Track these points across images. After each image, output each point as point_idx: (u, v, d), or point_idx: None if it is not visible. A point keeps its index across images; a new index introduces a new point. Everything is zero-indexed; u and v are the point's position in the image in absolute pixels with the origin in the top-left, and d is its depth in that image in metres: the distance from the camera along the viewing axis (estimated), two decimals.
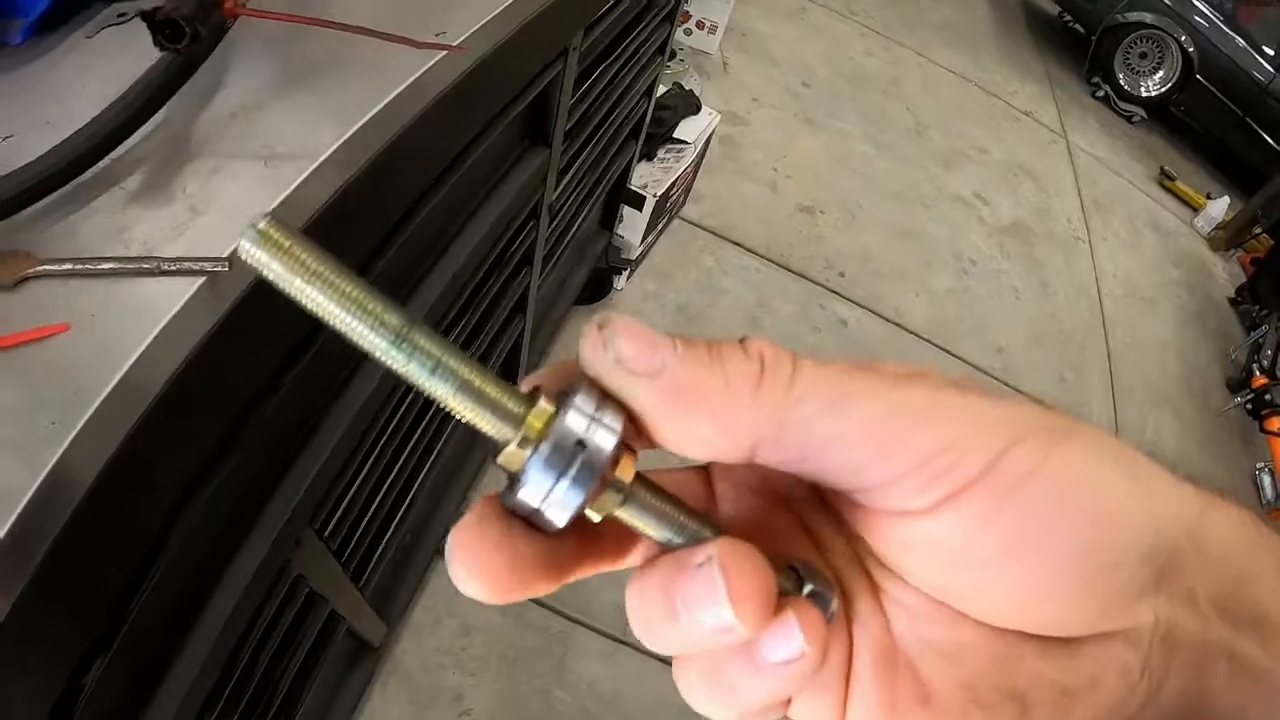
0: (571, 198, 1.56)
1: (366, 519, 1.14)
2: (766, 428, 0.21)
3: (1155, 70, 4.70)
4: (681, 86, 2.49)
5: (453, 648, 1.78)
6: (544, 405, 0.20)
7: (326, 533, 0.98)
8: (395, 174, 0.77)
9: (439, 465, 1.39)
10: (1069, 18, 5.13)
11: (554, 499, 0.20)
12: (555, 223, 1.48)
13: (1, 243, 0.55)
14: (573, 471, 0.20)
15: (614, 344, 0.21)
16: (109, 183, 0.59)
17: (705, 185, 2.69)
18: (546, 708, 1.77)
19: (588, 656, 1.83)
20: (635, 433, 0.22)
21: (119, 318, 0.53)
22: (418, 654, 1.75)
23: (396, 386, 1.01)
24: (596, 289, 2.21)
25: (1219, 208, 4.24)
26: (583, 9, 1.14)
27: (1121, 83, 4.75)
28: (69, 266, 0.55)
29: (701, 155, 2.39)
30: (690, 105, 2.39)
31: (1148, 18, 4.60)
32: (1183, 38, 4.52)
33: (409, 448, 1.18)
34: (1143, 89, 4.74)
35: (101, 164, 0.59)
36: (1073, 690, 0.23)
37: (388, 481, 1.16)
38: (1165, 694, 0.23)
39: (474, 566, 0.21)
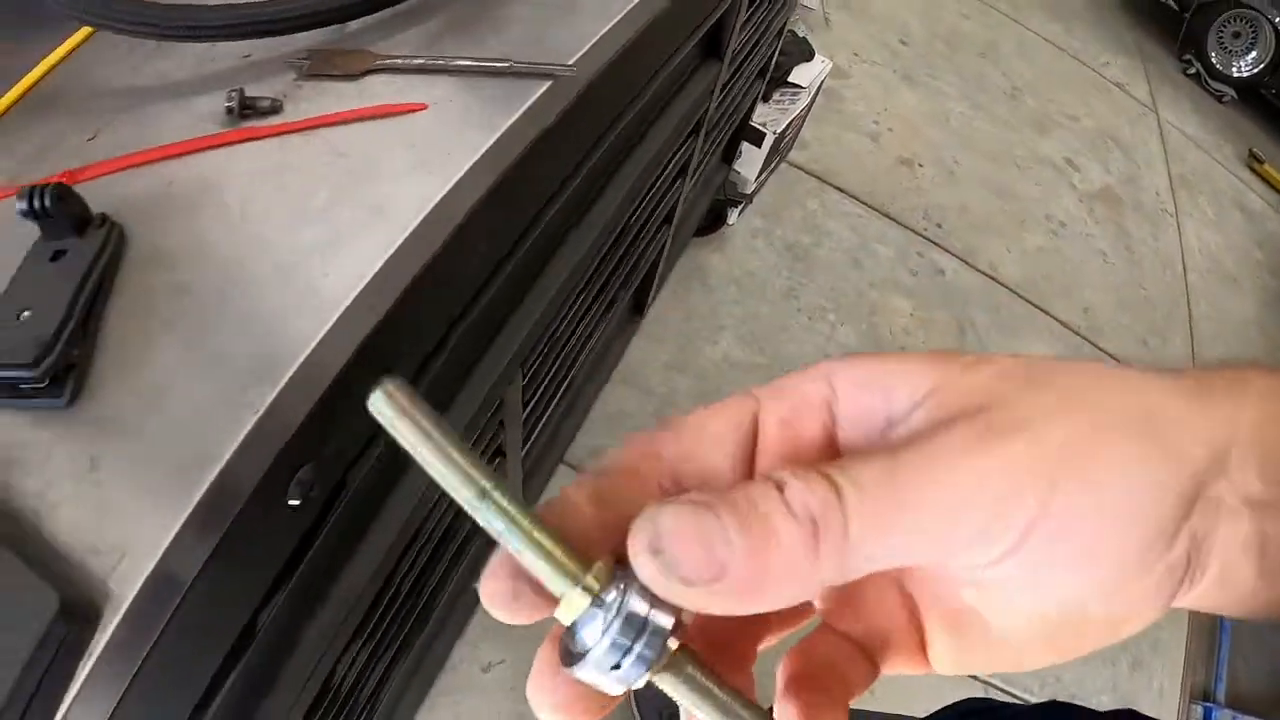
0: (724, 116, 1.64)
1: (551, 376, 1.24)
2: (831, 579, 0.23)
3: (1248, 50, 4.61)
4: (795, 34, 2.55)
5: None
6: (596, 576, 0.22)
7: (525, 379, 1.06)
8: (635, 65, 0.86)
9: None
10: None
11: (611, 679, 0.22)
12: (709, 138, 1.56)
13: (345, 44, 0.66)
14: (630, 657, 0.22)
15: (674, 567, 0.21)
16: (434, 10, 0.71)
17: (810, 133, 2.76)
18: None
19: None
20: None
21: (476, 105, 0.64)
22: None
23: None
24: (714, 220, 2.30)
25: None
26: None
27: (1213, 61, 4.67)
28: (420, 61, 0.65)
29: (813, 100, 2.45)
30: (804, 52, 2.45)
31: None
32: (1277, 19, 4.42)
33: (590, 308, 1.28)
34: (1234, 69, 4.65)
35: None
36: (1124, 618, 0.25)
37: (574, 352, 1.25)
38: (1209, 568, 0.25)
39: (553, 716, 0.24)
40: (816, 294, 2.41)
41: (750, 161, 2.23)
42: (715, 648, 0.28)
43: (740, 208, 2.34)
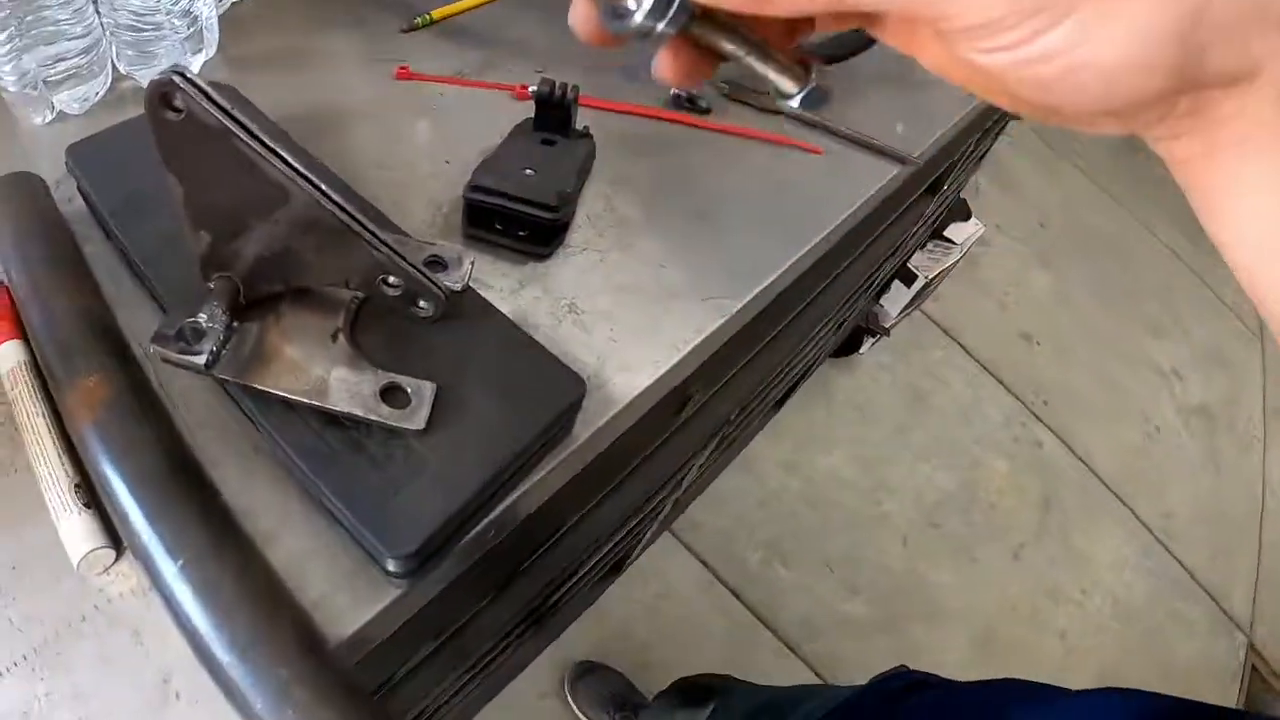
0: (914, 246, 1.81)
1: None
2: None
3: None
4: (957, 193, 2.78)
5: (648, 604, 2.03)
6: None
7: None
8: (926, 174, 1.04)
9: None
10: None
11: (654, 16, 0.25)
12: (896, 254, 1.75)
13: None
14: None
15: None
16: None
17: (945, 288, 2.96)
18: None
19: (763, 651, 2.07)
20: None
21: (851, 166, 0.81)
22: (622, 601, 1.99)
23: None
24: (850, 344, 2.50)
25: None
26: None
27: None
28: (815, 118, 0.83)
29: (961, 257, 2.66)
30: (962, 211, 2.67)
31: None
32: None
33: None
34: None
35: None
36: (1124, 79, 0.24)
37: None
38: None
39: (583, 33, 0.27)
40: (925, 436, 2.59)
41: (896, 299, 2.44)
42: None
43: (875, 339, 2.54)
